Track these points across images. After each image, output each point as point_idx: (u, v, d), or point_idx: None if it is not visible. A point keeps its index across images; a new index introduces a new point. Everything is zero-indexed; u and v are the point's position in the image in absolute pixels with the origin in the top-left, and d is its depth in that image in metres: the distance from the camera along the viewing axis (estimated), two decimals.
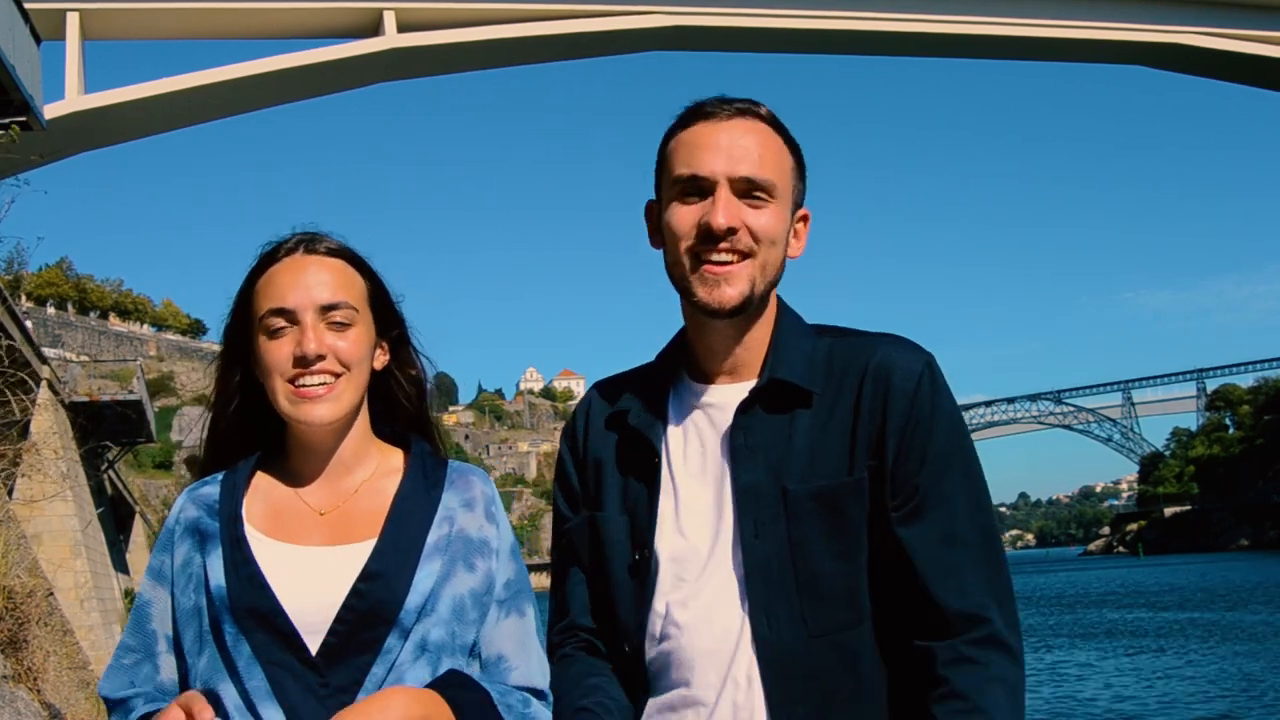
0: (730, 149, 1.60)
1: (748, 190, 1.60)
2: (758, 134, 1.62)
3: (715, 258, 1.59)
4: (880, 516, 1.57)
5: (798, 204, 1.68)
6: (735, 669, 1.56)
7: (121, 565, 27.35)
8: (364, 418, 1.68)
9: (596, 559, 1.69)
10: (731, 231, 1.58)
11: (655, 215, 1.70)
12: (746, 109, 1.64)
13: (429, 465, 1.67)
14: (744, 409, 1.62)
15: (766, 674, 1.54)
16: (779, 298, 1.73)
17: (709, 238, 1.59)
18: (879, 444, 1.58)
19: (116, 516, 27.98)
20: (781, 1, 30.42)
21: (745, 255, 1.60)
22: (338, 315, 1.60)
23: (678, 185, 1.63)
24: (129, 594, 26.54)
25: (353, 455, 1.66)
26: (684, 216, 1.62)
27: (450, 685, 1.53)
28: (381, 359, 1.69)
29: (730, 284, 1.59)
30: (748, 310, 1.63)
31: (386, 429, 1.73)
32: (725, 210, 1.58)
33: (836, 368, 1.63)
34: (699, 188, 1.61)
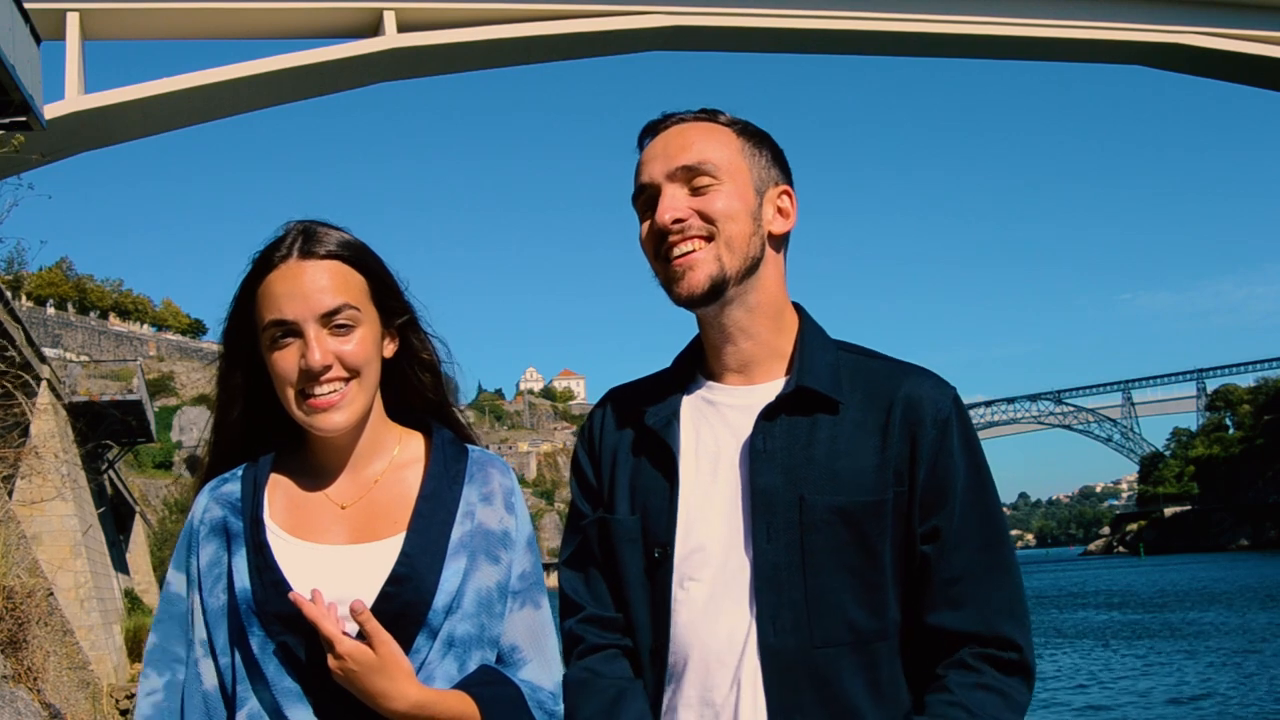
0: (666, 150, 1.66)
1: (690, 179, 1.63)
2: (698, 129, 1.67)
3: (676, 251, 1.63)
4: (902, 540, 1.59)
5: (770, 182, 1.69)
6: (741, 672, 1.56)
7: (121, 565, 27.35)
8: (378, 406, 1.67)
9: (608, 559, 1.69)
10: (678, 222, 1.62)
11: None
12: (687, 115, 1.69)
13: (450, 456, 1.66)
14: (767, 415, 1.62)
15: (769, 680, 1.54)
16: (802, 308, 1.74)
17: (663, 236, 1.63)
18: (910, 472, 1.59)
19: (116, 517, 27.98)
20: (781, 1, 30.43)
21: (707, 239, 1.62)
22: (340, 319, 1.59)
23: (636, 202, 1.69)
24: (129, 594, 26.56)
25: (370, 446, 1.66)
26: (644, 229, 1.68)
27: (483, 683, 1.55)
28: (390, 347, 1.68)
29: (695, 269, 1.62)
30: (724, 292, 1.63)
31: (404, 412, 1.73)
32: (666, 205, 1.63)
33: (862, 385, 1.65)
34: (649, 198, 1.66)
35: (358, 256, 1.64)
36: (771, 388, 1.66)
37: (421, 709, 1.50)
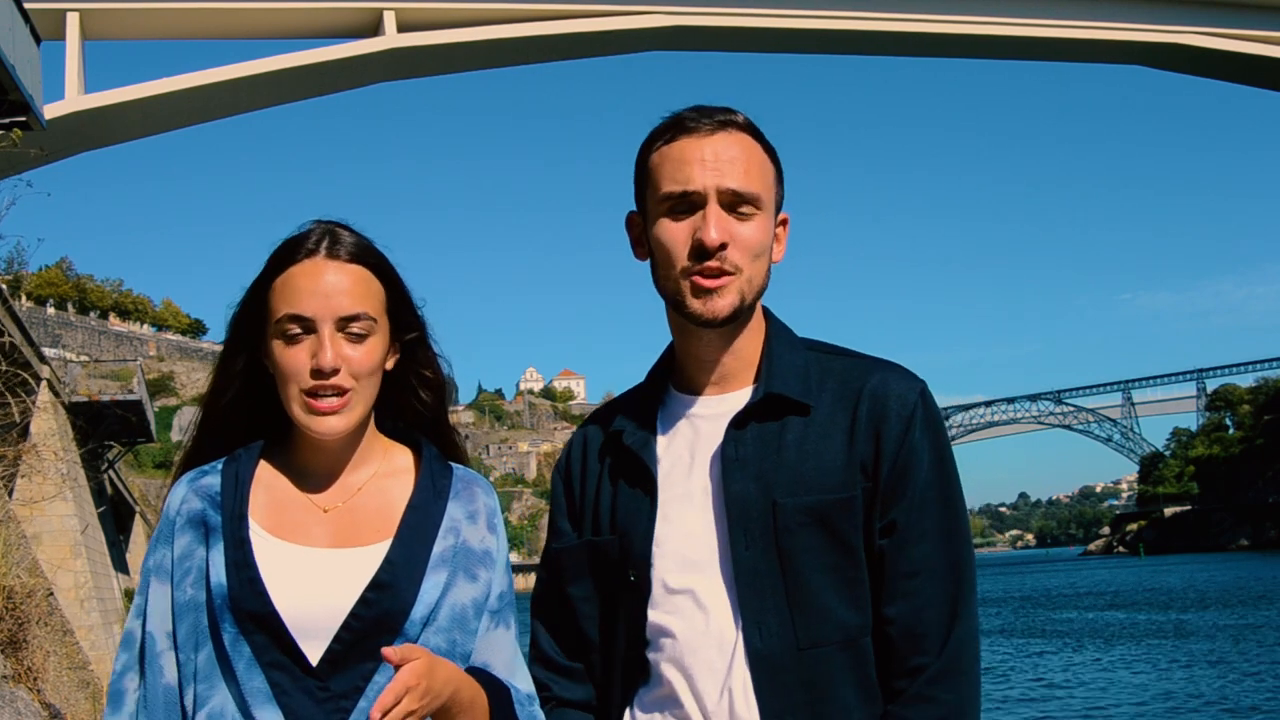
0: (716, 162, 1.62)
1: (734, 203, 1.62)
2: (741, 145, 1.64)
3: (708, 271, 1.61)
4: (872, 534, 1.60)
5: (778, 209, 1.70)
6: (731, 680, 1.57)
7: (121, 565, 27.37)
8: (369, 415, 1.68)
9: (594, 580, 1.70)
10: (723, 246, 1.60)
11: (638, 227, 1.71)
12: (726, 120, 1.65)
13: (436, 472, 1.67)
14: (738, 423, 1.63)
15: (759, 685, 1.55)
16: (767, 309, 1.74)
17: (702, 253, 1.61)
18: (874, 466, 1.60)
19: (116, 516, 28.01)
20: (781, 1, 30.45)
21: (733, 271, 1.62)
22: (356, 326, 1.59)
23: (666, 201, 1.64)
24: (129, 594, 26.57)
25: (358, 454, 1.66)
26: (675, 233, 1.63)
27: (481, 676, 1.57)
28: (391, 360, 1.68)
29: (722, 295, 1.61)
30: (739, 319, 1.65)
31: (390, 424, 1.73)
32: (717, 225, 1.60)
33: (830, 385, 1.65)
34: (689, 203, 1.62)
35: (381, 266, 1.65)
36: (743, 395, 1.67)
37: (464, 678, 1.53)
